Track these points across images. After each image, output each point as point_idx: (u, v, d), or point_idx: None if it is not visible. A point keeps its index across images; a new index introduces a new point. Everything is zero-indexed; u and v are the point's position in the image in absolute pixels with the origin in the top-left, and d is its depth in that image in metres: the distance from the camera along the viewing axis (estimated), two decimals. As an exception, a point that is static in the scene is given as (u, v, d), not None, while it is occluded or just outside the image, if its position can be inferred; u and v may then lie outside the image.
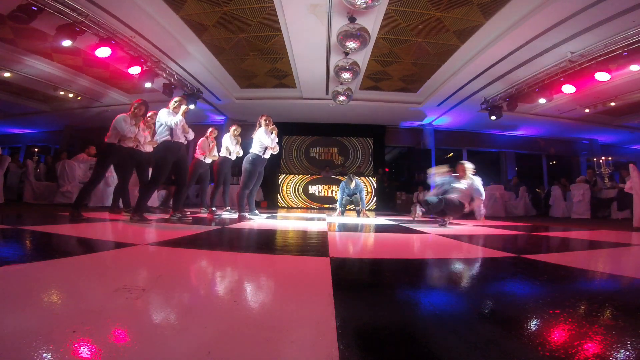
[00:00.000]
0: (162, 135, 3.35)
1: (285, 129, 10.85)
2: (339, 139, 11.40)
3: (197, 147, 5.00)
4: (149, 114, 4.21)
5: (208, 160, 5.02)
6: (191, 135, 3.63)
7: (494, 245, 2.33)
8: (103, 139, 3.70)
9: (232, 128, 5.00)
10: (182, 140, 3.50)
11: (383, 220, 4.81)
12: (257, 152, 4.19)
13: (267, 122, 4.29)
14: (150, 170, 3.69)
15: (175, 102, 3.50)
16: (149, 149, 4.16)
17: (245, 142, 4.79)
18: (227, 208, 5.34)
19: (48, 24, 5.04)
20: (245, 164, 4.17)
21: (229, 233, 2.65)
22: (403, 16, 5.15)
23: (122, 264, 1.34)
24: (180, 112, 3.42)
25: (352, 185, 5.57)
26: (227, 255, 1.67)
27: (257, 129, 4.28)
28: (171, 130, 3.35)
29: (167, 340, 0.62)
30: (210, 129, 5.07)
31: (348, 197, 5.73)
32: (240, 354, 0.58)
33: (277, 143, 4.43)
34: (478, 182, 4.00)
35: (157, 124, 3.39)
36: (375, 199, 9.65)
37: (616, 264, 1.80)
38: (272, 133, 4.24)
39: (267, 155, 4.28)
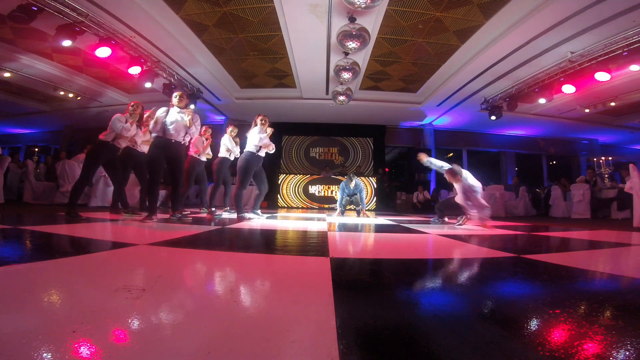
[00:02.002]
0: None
1: (285, 129, 10.86)
2: (339, 139, 11.40)
3: (191, 145, 4.99)
4: (147, 113, 4.24)
5: (203, 158, 5.02)
6: (194, 132, 3.63)
7: (493, 245, 2.33)
8: (99, 137, 3.72)
9: (229, 129, 4.99)
10: (178, 138, 3.49)
11: (383, 220, 4.81)
12: (251, 150, 4.17)
13: (263, 121, 4.26)
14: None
15: (176, 96, 3.53)
16: (145, 149, 4.17)
17: (242, 142, 4.79)
18: (227, 208, 5.33)
19: (48, 24, 5.04)
20: (239, 162, 4.16)
21: (229, 233, 2.64)
22: (403, 16, 5.15)
23: (122, 264, 1.34)
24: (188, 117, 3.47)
25: (352, 185, 5.57)
26: (227, 255, 1.67)
27: (252, 128, 4.27)
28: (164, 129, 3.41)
29: (167, 340, 0.62)
30: (204, 127, 5.05)
31: (348, 197, 5.73)
32: (240, 354, 0.58)
33: (274, 142, 4.39)
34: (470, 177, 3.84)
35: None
36: (375, 199, 9.64)
37: (616, 264, 1.80)
38: (264, 132, 4.21)
39: (262, 154, 4.24)
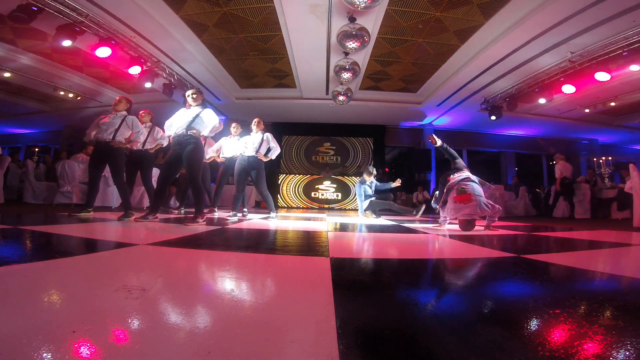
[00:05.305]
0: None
1: (285, 129, 10.84)
2: (339, 139, 11.39)
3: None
4: (142, 112, 4.35)
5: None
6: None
7: (493, 245, 2.33)
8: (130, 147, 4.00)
9: (232, 127, 4.98)
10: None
11: (383, 221, 4.81)
12: (240, 153, 4.37)
13: (257, 123, 4.39)
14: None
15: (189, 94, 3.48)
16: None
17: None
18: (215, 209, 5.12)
19: (48, 24, 5.04)
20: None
21: (228, 233, 2.64)
22: (403, 16, 5.15)
23: (122, 264, 1.34)
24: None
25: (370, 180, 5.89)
26: (227, 255, 1.67)
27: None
28: None
29: (167, 340, 0.62)
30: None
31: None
32: (240, 353, 0.58)
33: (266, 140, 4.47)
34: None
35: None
36: (375, 198, 9.64)
37: (616, 264, 1.80)
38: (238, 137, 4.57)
39: (247, 153, 4.26)
